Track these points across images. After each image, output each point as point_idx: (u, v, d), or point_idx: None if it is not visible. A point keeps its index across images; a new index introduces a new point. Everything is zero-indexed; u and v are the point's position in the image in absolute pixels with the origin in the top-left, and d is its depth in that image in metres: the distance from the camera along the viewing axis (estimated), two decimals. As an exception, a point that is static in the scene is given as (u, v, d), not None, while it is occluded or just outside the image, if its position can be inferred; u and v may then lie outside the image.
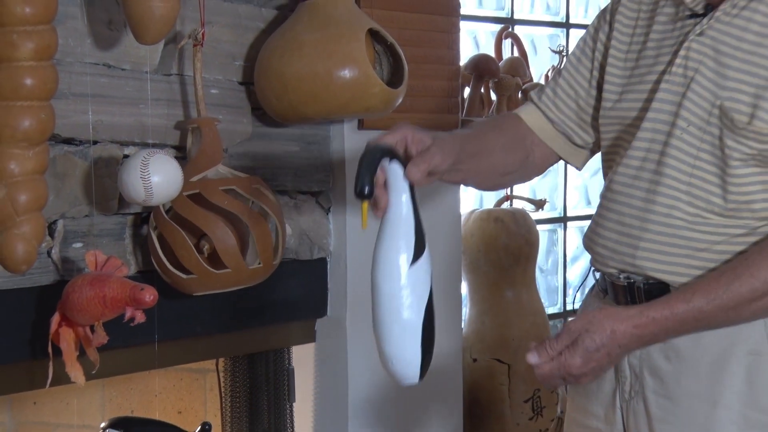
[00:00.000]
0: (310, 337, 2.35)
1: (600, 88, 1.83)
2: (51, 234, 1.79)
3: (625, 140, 1.76)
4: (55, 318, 1.70)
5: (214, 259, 1.89)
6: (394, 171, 1.58)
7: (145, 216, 1.93)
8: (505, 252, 2.88)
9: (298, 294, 2.27)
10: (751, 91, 1.62)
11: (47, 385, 1.71)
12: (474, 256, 2.88)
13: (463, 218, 2.73)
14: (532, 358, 1.65)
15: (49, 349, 1.70)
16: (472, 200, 3.31)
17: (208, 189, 1.90)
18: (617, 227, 1.75)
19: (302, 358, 2.36)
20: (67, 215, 1.82)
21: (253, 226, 1.92)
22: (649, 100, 1.72)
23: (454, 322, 2.41)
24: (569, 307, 3.78)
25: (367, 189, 1.53)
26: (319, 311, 2.33)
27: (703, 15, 1.67)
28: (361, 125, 2.31)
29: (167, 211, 1.89)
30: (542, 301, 3.08)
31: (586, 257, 3.91)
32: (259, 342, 2.25)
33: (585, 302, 1.90)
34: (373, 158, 1.55)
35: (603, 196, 1.80)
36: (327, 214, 2.32)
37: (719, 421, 1.67)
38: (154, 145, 1.90)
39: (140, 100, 1.90)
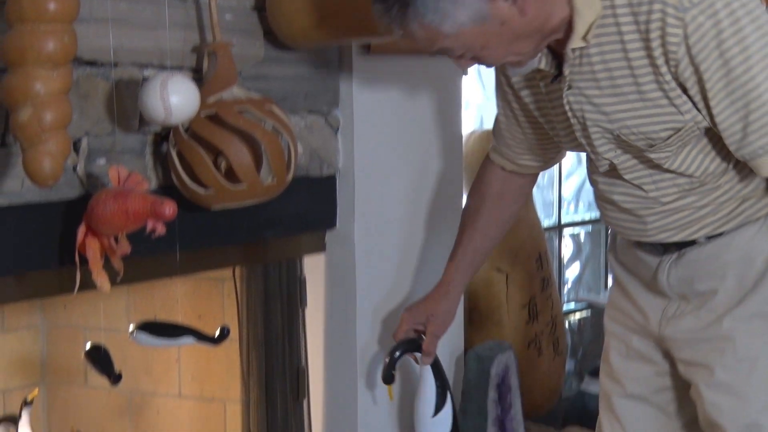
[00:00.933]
0: (320, 247, 2.37)
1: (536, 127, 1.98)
2: (76, 151, 1.80)
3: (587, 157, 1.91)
4: (81, 229, 1.71)
5: (230, 176, 1.90)
6: (419, 357, 2.21)
7: (164, 134, 1.94)
8: (503, 169, 2.88)
9: (308, 208, 2.28)
10: (630, 120, 1.73)
11: (75, 291, 1.73)
12: (474, 173, 2.88)
13: (464, 138, 2.72)
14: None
15: (76, 258, 1.72)
16: (472, 121, 3.30)
17: (223, 109, 1.89)
18: (621, 216, 1.88)
19: (313, 268, 2.38)
20: (91, 133, 1.82)
21: (266, 144, 1.92)
22: (580, 144, 1.85)
23: (454, 236, 2.42)
24: (564, 221, 3.79)
25: (389, 378, 2.19)
26: (328, 224, 2.35)
27: (560, 73, 1.76)
28: (369, 50, 2.30)
29: (186, 130, 1.89)
30: (538, 214, 3.08)
31: (580, 173, 3.92)
32: (273, 252, 2.27)
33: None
34: (394, 353, 2.18)
35: (596, 191, 1.94)
36: (336, 133, 2.32)
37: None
38: (172, 68, 1.89)
39: (158, 25, 1.89)
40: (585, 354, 3.79)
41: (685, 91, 1.67)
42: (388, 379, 2.21)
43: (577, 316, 3.84)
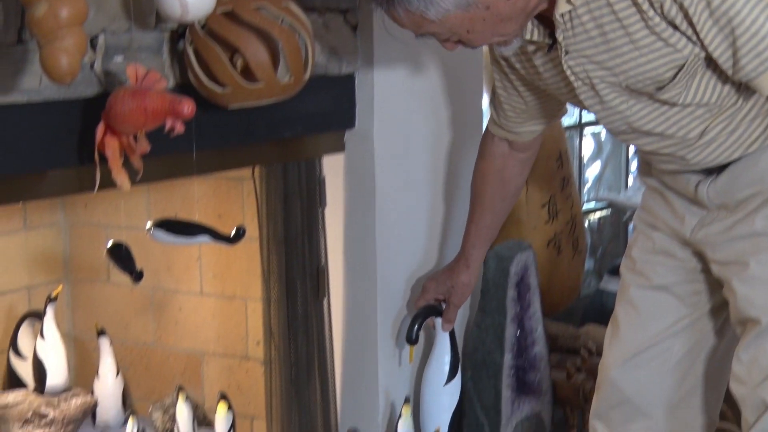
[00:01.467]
0: (339, 147, 2.36)
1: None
2: (93, 48, 1.79)
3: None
4: (100, 127, 1.71)
5: (247, 74, 1.88)
6: (438, 323, 2.37)
7: (181, 32, 1.92)
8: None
9: (327, 107, 2.27)
10: (632, 69, 1.74)
11: (95, 190, 1.74)
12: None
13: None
14: None
15: (96, 157, 1.72)
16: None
17: (240, 6, 1.87)
18: (663, 158, 1.91)
19: (332, 168, 2.38)
20: (108, 30, 1.81)
21: (283, 42, 1.90)
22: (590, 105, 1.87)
23: (474, 137, 2.41)
24: (584, 119, 3.77)
25: (413, 338, 2.33)
26: (347, 123, 2.34)
27: (554, 41, 1.77)
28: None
29: (202, 27, 1.87)
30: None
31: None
32: (291, 152, 2.27)
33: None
34: (418, 316, 2.34)
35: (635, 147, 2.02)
36: (354, 31, 2.29)
37: None
38: (188, -37, 1.86)
39: None
40: (604, 253, 3.80)
41: (676, 28, 1.68)
42: (412, 339, 2.33)
43: (597, 215, 3.84)
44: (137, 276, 2.09)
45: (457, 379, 2.40)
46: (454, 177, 2.53)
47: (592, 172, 3.93)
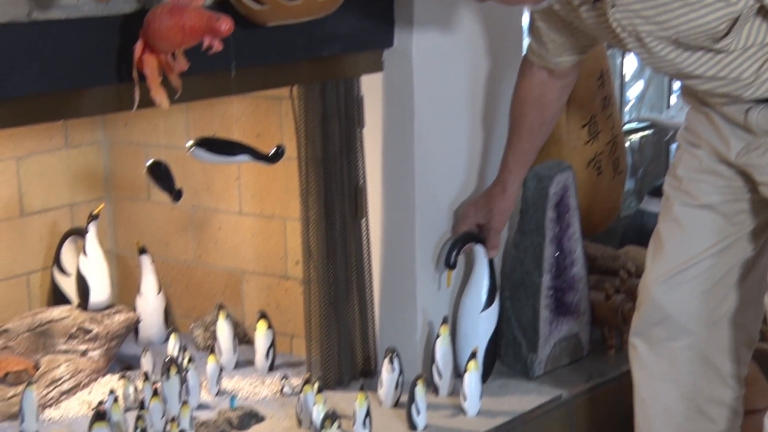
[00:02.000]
0: (378, 66, 2.34)
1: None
2: (131, -35, 1.78)
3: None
4: (138, 45, 1.71)
5: (286, -10, 1.86)
6: (478, 249, 2.38)
7: (219, -52, 1.90)
8: None
9: (366, 26, 2.25)
10: (684, 24, 1.73)
11: (134, 108, 1.75)
12: None
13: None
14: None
15: (134, 75, 1.72)
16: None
17: None
18: (720, 100, 1.90)
19: (371, 87, 2.37)
20: (145, -53, 1.79)
21: (322, -42, 1.87)
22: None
23: (514, 62, 2.38)
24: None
25: (451, 262, 2.33)
26: (386, 42, 2.31)
27: None
28: None
29: (240, -57, 1.85)
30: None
31: None
32: (330, 70, 2.25)
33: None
34: (457, 241, 2.35)
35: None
36: (394, -54, 2.25)
37: None
38: None
39: None
40: (645, 173, 3.77)
41: None
42: (451, 264, 2.33)
43: (639, 135, 3.80)
44: (176, 195, 2.10)
45: (495, 306, 2.41)
46: (493, 100, 2.50)
47: (634, 91, 3.88)
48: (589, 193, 2.86)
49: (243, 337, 2.64)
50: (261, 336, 2.49)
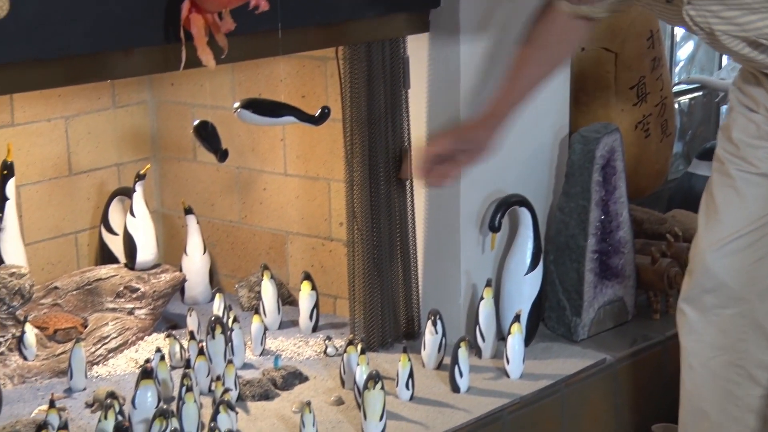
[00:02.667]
0: (423, 27, 2.33)
1: None
2: (177, -76, 1.77)
3: None
4: (186, 5, 1.71)
5: (332, -50, 1.86)
6: (524, 212, 2.38)
7: None
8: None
9: (412, -15, 2.23)
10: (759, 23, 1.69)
11: (181, 68, 1.75)
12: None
13: None
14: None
15: (181, 35, 1.73)
16: None
17: None
18: None
19: (417, 48, 2.35)
20: None
21: None
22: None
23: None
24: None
25: (496, 225, 2.35)
26: (432, 2, 2.30)
27: None
28: None
29: None
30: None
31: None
32: (376, 31, 2.24)
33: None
34: (501, 205, 2.36)
35: None
36: None
37: None
38: None
39: None
40: (694, 136, 3.72)
41: None
42: (495, 227, 2.34)
43: (688, 97, 3.75)
44: (222, 155, 2.11)
45: (539, 269, 2.40)
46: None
47: (684, 52, 3.82)
48: (637, 155, 2.83)
49: (287, 298, 2.66)
50: (305, 297, 2.51)
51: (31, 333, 2.27)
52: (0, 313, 2.25)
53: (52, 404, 1.91)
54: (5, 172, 2.46)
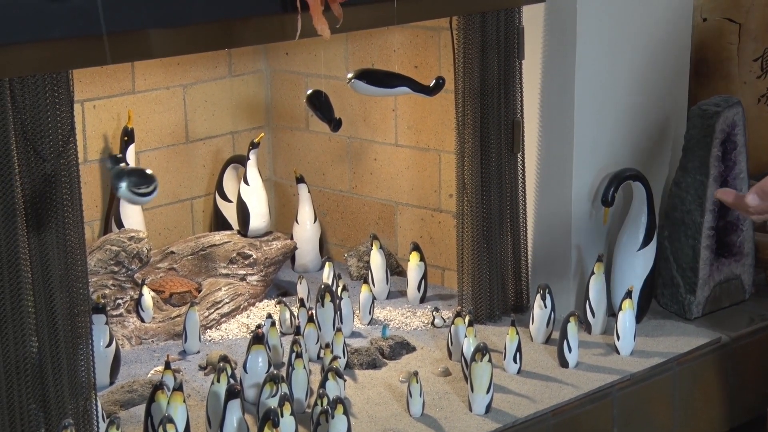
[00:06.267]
0: (540, -4, 2.31)
1: None
2: None
3: None
4: (301, -24, 1.73)
5: None
6: (638, 187, 2.33)
7: None
8: None
9: (529, -46, 2.21)
10: None
11: (296, 38, 1.78)
12: None
13: None
14: (753, 200, 1.73)
15: (297, 4, 1.75)
16: None
17: None
18: None
19: (532, 18, 2.33)
20: None
21: None
22: None
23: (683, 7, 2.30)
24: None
25: (609, 199, 2.31)
26: (549, -29, 2.27)
27: None
28: None
29: None
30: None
31: None
32: (491, 1, 2.23)
33: None
34: (615, 179, 2.32)
35: None
36: None
37: None
38: None
39: None
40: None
41: None
42: (608, 201, 2.32)
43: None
44: (335, 124, 2.13)
45: (653, 245, 2.37)
46: (658, 32, 2.43)
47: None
48: (759, 130, 2.76)
49: (395, 268, 2.68)
50: (413, 267, 2.53)
51: (148, 296, 2.35)
52: (119, 275, 2.33)
53: (167, 366, 1.98)
54: (126, 138, 2.54)
